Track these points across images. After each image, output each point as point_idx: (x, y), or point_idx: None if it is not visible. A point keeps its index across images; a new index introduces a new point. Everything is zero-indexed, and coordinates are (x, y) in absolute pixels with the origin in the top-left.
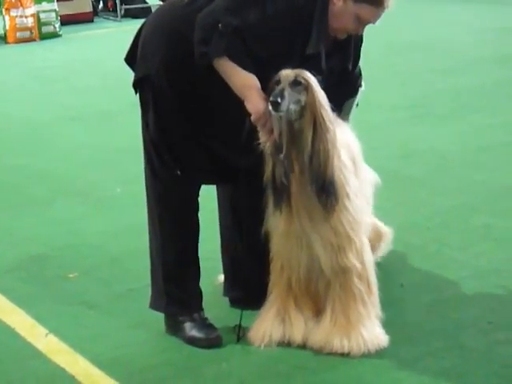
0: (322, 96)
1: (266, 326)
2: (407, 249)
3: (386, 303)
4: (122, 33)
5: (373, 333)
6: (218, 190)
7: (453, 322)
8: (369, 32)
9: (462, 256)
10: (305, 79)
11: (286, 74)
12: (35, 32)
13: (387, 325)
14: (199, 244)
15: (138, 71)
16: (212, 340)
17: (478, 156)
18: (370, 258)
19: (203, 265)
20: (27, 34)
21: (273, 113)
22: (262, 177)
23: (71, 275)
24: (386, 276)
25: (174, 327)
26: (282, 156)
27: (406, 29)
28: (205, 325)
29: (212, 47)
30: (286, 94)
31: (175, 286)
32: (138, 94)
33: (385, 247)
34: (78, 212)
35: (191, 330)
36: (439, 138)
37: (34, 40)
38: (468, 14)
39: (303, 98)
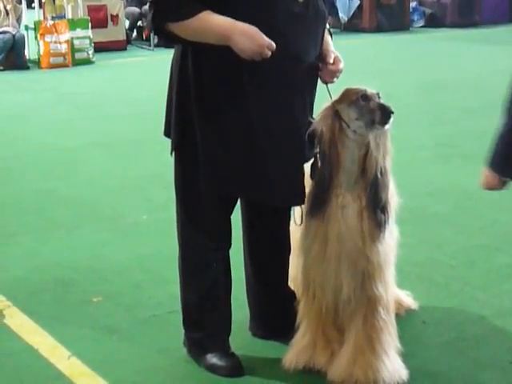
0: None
1: (297, 359)
2: (430, 286)
3: (407, 339)
4: (154, 61)
5: (395, 365)
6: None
7: (473, 361)
8: (399, 72)
9: (485, 295)
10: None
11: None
12: (68, 58)
13: (407, 360)
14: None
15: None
16: (233, 369)
17: (501, 196)
18: (393, 291)
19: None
20: (61, 59)
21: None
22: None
23: (95, 299)
24: (408, 312)
25: (195, 353)
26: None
27: (436, 68)
28: (226, 353)
29: (184, 9)
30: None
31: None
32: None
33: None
34: (103, 237)
35: (212, 357)
36: (465, 177)
37: (67, 66)
38: (495, 55)
39: None
